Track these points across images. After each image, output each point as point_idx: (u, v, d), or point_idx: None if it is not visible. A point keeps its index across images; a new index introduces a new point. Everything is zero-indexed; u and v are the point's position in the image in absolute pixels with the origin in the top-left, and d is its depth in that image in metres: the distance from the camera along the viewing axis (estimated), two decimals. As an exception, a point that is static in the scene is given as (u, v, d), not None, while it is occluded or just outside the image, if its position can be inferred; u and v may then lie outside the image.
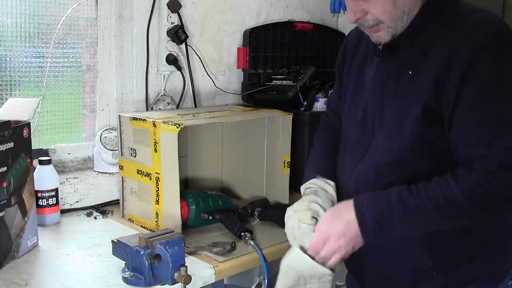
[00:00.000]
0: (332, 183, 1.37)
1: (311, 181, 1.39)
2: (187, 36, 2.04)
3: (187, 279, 1.23)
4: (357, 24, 1.23)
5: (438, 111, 1.16)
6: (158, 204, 1.61)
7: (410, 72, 1.20)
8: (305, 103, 2.12)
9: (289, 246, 1.29)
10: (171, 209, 1.57)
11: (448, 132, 1.16)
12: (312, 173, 1.42)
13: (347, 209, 1.20)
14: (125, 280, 1.29)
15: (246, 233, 1.55)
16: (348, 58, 1.42)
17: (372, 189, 1.23)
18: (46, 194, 1.64)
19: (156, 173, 1.60)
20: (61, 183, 1.75)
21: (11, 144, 1.35)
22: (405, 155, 1.21)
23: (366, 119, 1.29)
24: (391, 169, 1.23)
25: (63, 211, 1.74)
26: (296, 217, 1.28)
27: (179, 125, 1.51)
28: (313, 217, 1.27)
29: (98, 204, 1.84)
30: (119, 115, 1.74)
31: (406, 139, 1.20)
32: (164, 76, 2.05)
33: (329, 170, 1.41)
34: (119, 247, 1.32)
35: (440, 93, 1.14)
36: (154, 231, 1.56)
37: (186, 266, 1.24)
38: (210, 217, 1.63)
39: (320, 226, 1.23)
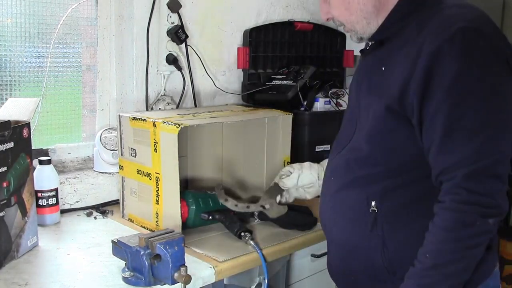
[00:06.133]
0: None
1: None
2: (187, 36, 2.04)
3: (187, 279, 1.23)
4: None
5: (404, 112, 1.12)
6: (158, 204, 1.61)
7: (383, 68, 1.18)
8: (305, 103, 2.12)
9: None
10: (171, 209, 1.57)
11: (419, 136, 1.12)
12: None
13: None
14: (125, 280, 1.29)
15: (246, 233, 1.55)
16: None
17: (339, 182, 1.26)
18: (46, 194, 1.64)
19: (156, 173, 1.60)
20: (61, 183, 1.75)
21: (11, 144, 1.35)
22: (368, 151, 1.20)
23: (352, 118, 1.30)
24: (358, 164, 1.23)
25: (63, 211, 1.74)
26: None
27: (179, 125, 1.51)
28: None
29: (98, 204, 1.84)
30: (119, 115, 1.74)
31: (368, 135, 1.20)
32: (164, 76, 2.04)
33: None
34: (119, 247, 1.32)
35: (404, 94, 1.10)
36: (154, 231, 1.56)
37: (186, 266, 1.24)
38: (210, 217, 1.63)
39: None
